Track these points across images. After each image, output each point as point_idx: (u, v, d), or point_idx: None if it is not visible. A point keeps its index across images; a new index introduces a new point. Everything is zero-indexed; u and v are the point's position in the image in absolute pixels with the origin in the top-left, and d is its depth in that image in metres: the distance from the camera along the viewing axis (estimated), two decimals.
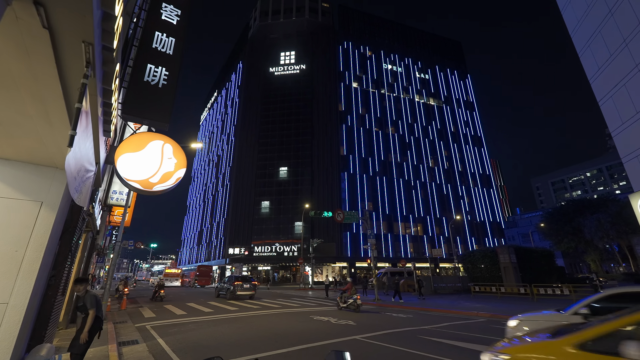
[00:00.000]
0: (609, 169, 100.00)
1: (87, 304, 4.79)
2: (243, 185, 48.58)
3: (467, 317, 11.46)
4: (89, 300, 4.81)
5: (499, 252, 21.94)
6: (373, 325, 9.57)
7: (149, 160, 5.36)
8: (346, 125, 49.91)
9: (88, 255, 9.85)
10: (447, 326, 9.33)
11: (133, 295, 24.36)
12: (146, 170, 5.28)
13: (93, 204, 6.50)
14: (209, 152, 72.23)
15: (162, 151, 5.53)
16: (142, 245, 38.07)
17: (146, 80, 6.44)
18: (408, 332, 8.34)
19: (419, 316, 11.84)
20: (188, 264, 68.00)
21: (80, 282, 4.95)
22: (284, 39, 57.67)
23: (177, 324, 9.98)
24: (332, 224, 43.49)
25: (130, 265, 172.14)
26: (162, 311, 13.48)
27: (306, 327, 9.18)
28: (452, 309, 13.46)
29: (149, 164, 5.34)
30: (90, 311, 4.75)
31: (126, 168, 5.06)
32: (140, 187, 5.17)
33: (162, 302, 17.83)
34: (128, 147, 5.17)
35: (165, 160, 5.52)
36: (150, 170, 5.32)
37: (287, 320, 10.70)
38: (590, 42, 14.86)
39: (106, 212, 11.78)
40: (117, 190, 12.28)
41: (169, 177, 5.47)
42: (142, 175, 5.21)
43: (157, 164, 5.42)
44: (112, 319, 10.99)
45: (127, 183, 5.10)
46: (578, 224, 43.62)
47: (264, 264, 44.31)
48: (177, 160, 5.64)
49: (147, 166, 5.31)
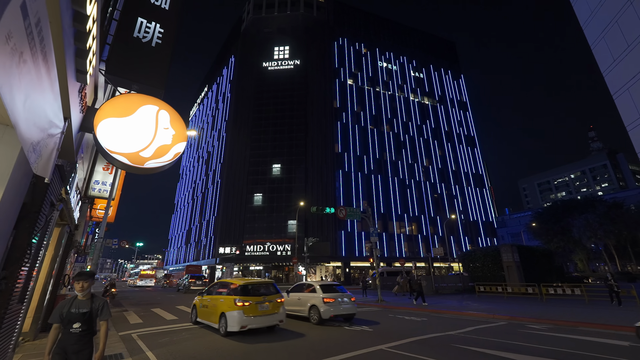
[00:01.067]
0: (592, 171, 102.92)
1: (97, 312, 3.34)
2: (234, 183, 47.02)
3: (485, 320, 10.65)
4: (102, 307, 3.38)
5: (502, 251, 21.41)
6: (391, 331, 8.60)
7: (140, 129, 4.19)
8: (341, 123, 49.01)
9: (64, 252, 8.51)
10: (473, 331, 8.45)
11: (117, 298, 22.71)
12: (136, 142, 4.11)
13: (68, 188, 5.29)
14: (198, 148, 70.09)
15: (156, 119, 4.36)
16: (126, 245, 36.15)
17: (136, 36, 5.24)
18: (437, 339, 7.40)
19: (433, 319, 10.96)
20: (176, 264, 65.71)
21: (83, 277, 3.35)
22: (278, 34, 56.32)
23: (168, 332, 8.75)
24: (327, 223, 42.51)
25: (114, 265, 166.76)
26: (150, 316, 12.16)
27: (319, 335, 8.12)
28: (463, 310, 12.67)
29: (139, 133, 4.17)
30: (102, 323, 3.38)
31: (110, 137, 3.88)
32: (129, 163, 4.00)
33: (149, 305, 16.42)
34: (113, 110, 4.00)
35: (161, 131, 4.36)
36: (141, 142, 4.16)
37: (294, 325, 9.61)
38: (605, 32, 14.37)
39: (86, 204, 10.41)
40: (99, 180, 10.92)
41: (165, 151, 4.31)
42: (130, 147, 4.04)
43: (150, 135, 4.25)
44: None
45: (111, 156, 3.92)
46: (567, 223, 44.18)
47: (256, 263, 42.93)
48: (175, 132, 4.49)
49: (138, 136, 4.14)
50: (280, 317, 8.60)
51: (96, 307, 3.35)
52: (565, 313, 11.30)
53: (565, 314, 11.14)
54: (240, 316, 7.87)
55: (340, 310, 10.12)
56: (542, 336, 7.68)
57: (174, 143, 4.40)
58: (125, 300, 19.79)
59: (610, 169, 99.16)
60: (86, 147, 8.56)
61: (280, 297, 8.92)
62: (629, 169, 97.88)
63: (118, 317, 11.98)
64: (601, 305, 13.24)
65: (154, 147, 4.19)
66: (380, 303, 16.29)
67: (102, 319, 3.37)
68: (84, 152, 8.33)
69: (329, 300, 10.08)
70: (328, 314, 9.82)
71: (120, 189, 15.03)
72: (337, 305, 10.13)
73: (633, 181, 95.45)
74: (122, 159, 3.92)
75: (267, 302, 8.42)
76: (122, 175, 15.08)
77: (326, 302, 10.03)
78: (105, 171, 11.20)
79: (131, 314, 12.94)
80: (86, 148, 8.65)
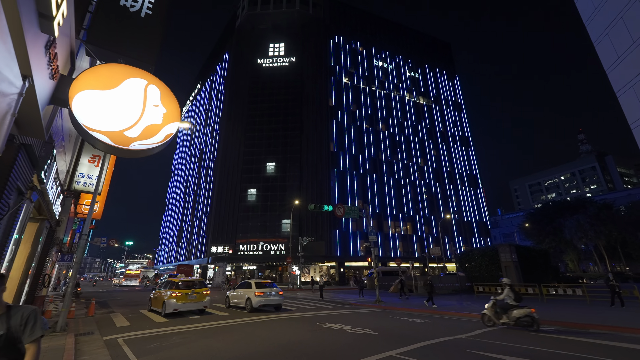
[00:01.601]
0: (581, 173, 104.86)
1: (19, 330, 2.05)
2: (228, 181, 46.13)
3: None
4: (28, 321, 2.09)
5: (500, 251, 21.21)
6: (396, 334, 8.13)
7: (126, 105, 3.60)
8: (336, 121, 48.54)
9: (43, 250, 7.80)
10: (482, 334, 8.04)
11: (104, 298, 21.80)
12: (120, 119, 3.52)
13: (44, 177, 4.65)
14: (191, 145, 68.79)
15: (144, 94, 3.77)
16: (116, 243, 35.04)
17: (123, 4, 4.64)
18: (448, 344, 6.95)
19: (437, 321, 10.54)
20: (166, 264, 64.37)
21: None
22: (273, 30, 55.55)
23: (157, 336, 8.11)
24: (322, 222, 42.01)
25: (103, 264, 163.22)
26: (139, 318, 11.46)
27: (320, 339, 7.61)
28: (465, 311, 12.31)
29: (124, 110, 3.57)
30: (29, 347, 2.06)
31: (89, 112, 3.28)
32: (111, 143, 3.41)
33: (137, 306, 15.65)
34: (93, 81, 3.40)
35: (150, 108, 3.77)
36: (126, 120, 3.56)
37: (292, 328, 9.07)
38: (610, 29, 14.19)
39: (70, 198, 9.68)
40: (84, 174, 10.20)
41: (154, 131, 3.72)
42: (113, 125, 3.45)
43: (137, 112, 3.66)
44: (75, 330, 8.94)
45: (89, 135, 3.32)
46: (559, 224, 44.58)
47: (250, 263, 42.17)
48: (166, 110, 3.90)
49: (123, 113, 3.55)
50: (205, 304, 12.32)
51: (17, 324, 2.06)
52: (570, 314, 11.02)
53: (571, 315, 10.86)
54: (174, 302, 11.56)
55: (269, 301, 12.92)
56: (557, 340, 7.32)
57: (165, 123, 3.82)
58: (113, 301, 18.94)
59: (598, 171, 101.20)
60: (68, 135, 7.87)
61: (206, 290, 12.55)
62: (616, 171, 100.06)
63: (104, 319, 11.26)
64: (603, 306, 13.05)
65: (141, 126, 3.60)
66: (378, 304, 15.84)
67: (30, 339, 2.07)
68: (66, 141, 7.64)
69: (259, 294, 12.85)
70: (258, 304, 12.64)
71: (108, 184, 14.26)
72: (266, 297, 12.87)
73: (621, 183, 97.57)
74: (103, 139, 3.33)
75: (195, 293, 12.12)
76: (109, 168, 14.31)
77: (257, 295, 12.78)
78: (91, 164, 10.48)
79: (118, 315, 12.22)
80: (69, 137, 7.96)
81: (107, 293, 27.85)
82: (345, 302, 17.02)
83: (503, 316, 8.89)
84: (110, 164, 14.11)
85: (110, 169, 14.23)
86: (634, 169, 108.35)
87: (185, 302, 11.75)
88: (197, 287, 12.41)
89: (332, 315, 11.95)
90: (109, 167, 14.11)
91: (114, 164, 14.45)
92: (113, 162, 14.39)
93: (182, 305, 11.63)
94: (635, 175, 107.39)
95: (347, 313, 12.56)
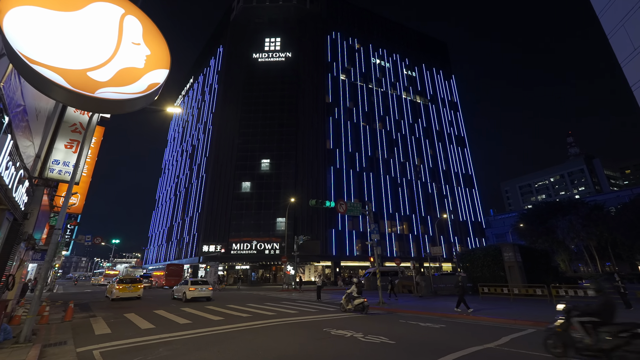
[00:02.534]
0: (570, 175, 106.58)
1: None
2: (221, 178, 44.70)
3: (510, 327, 9.46)
4: None
5: (503, 251, 20.61)
6: (415, 342, 7.21)
7: (91, 36, 2.60)
8: (333, 118, 47.60)
9: (5, 246, 6.61)
10: (510, 343, 7.18)
11: (87, 299, 20.36)
12: (82, 54, 2.51)
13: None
14: (182, 141, 66.89)
15: (120, 26, 2.77)
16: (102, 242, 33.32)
17: None
18: (481, 356, 6.05)
19: (452, 326, 9.68)
20: (155, 263, 62.40)
21: None
22: (269, 25, 54.29)
23: (142, 347, 7.00)
24: (317, 221, 41.03)
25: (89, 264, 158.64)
26: (122, 323, 10.26)
27: (334, 350, 6.62)
28: (478, 314, 11.49)
29: (89, 42, 2.58)
30: None
31: (31, 36, 2.30)
32: (67, 85, 2.40)
33: (122, 309, 14.38)
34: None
35: (127, 46, 2.77)
36: (91, 56, 2.55)
37: (297, 336, 8.06)
38: (627, 19, 13.55)
39: (41, 187, 8.45)
40: (59, 160, 8.97)
41: (133, 77, 2.72)
42: (71, 60, 2.45)
43: (108, 48, 2.66)
44: (46, 339, 7.74)
45: (32, 70, 2.30)
46: (551, 225, 44.67)
47: (243, 262, 40.89)
48: (150, 52, 2.91)
49: (86, 46, 2.55)
50: (140, 293, 19.44)
51: None
52: None
53: None
54: (116, 291, 18.44)
55: (200, 294, 17.94)
56: None
57: (149, 68, 2.78)
58: (95, 303, 17.57)
59: (586, 174, 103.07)
60: (36, 111, 6.70)
61: (141, 284, 19.86)
62: (604, 173, 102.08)
63: (82, 325, 10.04)
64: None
65: (114, 68, 2.56)
66: (381, 306, 14.96)
67: None
68: (32, 118, 6.46)
69: (192, 289, 17.79)
70: (190, 296, 17.60)
71: (90, 175, 12.98)
72: (198, 292, 17.88)
73: (608, 185, 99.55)
74: (54, 78, 2.27)
75: (132, 286, 19.16)
76: (92, 158, 13.02)
77: (190, 290, 17.73)
78: (68, 149, 9.25)
79: (99, 320, 10.99)
80: (36, 113, 6.78)
81: (91, 294, 26.30)
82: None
83: (349, 305, 12.66)
84: (93, 152, 12.82)
85: (93, 157, 12.93)
86: (619, 172, 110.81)
87: (125, 292, 18.74)
88: (134, 282, 19.71)
89: (337, 319, 10.97)
90: (91, 156, 12.83)
91: (97, 153, 13.15)
92: (97, 150, 13.10)
93: (123, 294, 18.60)
94: (621, 178, 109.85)
95: (353, 317, 11.61)
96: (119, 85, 2.56)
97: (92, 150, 12.76)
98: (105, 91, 2.47)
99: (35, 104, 6.55)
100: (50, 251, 7.59)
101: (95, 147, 13.04)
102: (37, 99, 6.69)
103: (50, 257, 7.58)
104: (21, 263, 8.99)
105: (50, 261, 7.54)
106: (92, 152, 12.70)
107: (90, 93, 2.41)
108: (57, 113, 8.92)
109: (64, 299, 21.36)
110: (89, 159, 12.63)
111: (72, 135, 9.28)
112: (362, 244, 42.89)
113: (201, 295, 17.96)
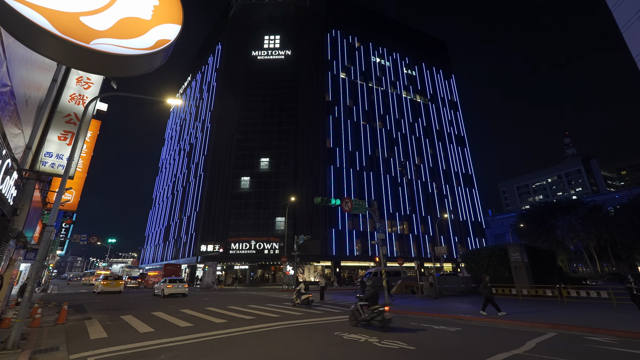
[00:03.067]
0: (567, 176, 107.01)
1: None
2: (219, 177, 44.04)
3: (530, 330, 9.02)
4: None
5: (509, 251, 20.25)
6: (436, 348, 6.73)
7: None
8: (333, 117, 47.07)
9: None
10: (536, 348, 6.72)
11: (82, 300, 19.67)
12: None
13: None
14: (180, 140, 66.06)
15: None
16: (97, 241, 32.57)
17: None
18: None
19: (469, 329, 9.22)
20: (152, 263, 61.53)
21: None
22: (269, 22, 53.71)
23: (141, 353, 6.45)
24: (317, 220, 40.51)
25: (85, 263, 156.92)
26: (119, 327, 9.68)
27: (349, 357, 6.12)
28: (492, 317, 11.05)
29: None
30: None
31: None
32: (54, 30, 1.84)
33: (118, 310, 13.76)
34: None
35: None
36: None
37: (308, 341, 7.55)
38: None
39: (33, 181, 7.87)
40: (52, 153, 8.39)
41: (137, 30, 2.22)
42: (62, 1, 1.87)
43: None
44: (36, 344, 7.17)
45: (7, 6, 1.71)
46: (551, 225, 44.54)
47: (242, 262, 40.26)
48: (159, 3, 2.33)
49: None
50: (121, 288, 25.01)
51: None
52: (609, 320, 9.91)
53: (610, 321, 9.74)
54: (101, 286, 24.07)
55: (176, 291, 20.34)
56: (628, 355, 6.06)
57: (158, 22, 2.25)
58: (91, 305, 16.92)
59: (584, 174, 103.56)
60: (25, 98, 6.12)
61: (122, 280, 25.78)
62: (600, 174, 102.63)
63: (76, 328, 9.44)
64: (633, 311, 12.02)
65: (114, 15, 2.02)
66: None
67: None
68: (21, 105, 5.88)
69: (170, 287, 20.31)
70: (168, 292, 20.02)
71: (86, 170, 12.36)
72: (175, 288, 20.27)
73: (604, 186, 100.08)
74: (39, 20, 1.73)
75: (115, 282, 24.82)
76: (88, 152, 12.41)
77: (168, 287, 20.25)
78: (62, 141, 8.67)
79: (94, 323, 10.39)
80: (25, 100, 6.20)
81: (86, 295, 25.57)
82: (351, 306, 15.55)
83: (298, 299, 14.51)
84: (89, 147, 12.21)
85: (89, 152, 12.32)
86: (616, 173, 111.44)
87: (108, 286, 23.92)
88: (116, 279, 24.96)
89: (346, 322, 10.47)
90: (87, 150, 12.23)
91: (93, 148, 12.53)
92: (92, 145, 12.48)
93: (106, 288, 23.84)
94: (617, 179, 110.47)
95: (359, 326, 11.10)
96: (120, 37, 2.04)
97: (88, 144, 12.15)
98: (102, 42, 1.96)
99: (25, 91, 5.98)
100: (41, 249, 7.02)
101: (91, 141, 12.43)
102: (27, 87, 6.12)
103: (42, 256, 7.01)
104: (11, 262, 8.39)
105: (42, 260, 6.97)
106: (88, 146, 12.09)
107: (84, 43, 1.90)
108: (50, 102, 8.34)
109: (58, 299, 20.66)
110: (85, 154, 12.02)
111: (66, 126, 8.70)
112: (362, 244, 42.44)
113: (177, 292, 20.44)
